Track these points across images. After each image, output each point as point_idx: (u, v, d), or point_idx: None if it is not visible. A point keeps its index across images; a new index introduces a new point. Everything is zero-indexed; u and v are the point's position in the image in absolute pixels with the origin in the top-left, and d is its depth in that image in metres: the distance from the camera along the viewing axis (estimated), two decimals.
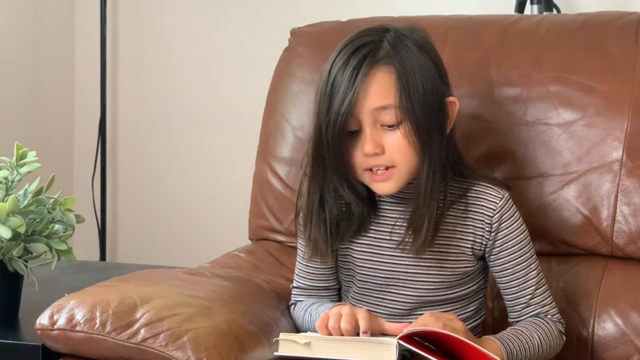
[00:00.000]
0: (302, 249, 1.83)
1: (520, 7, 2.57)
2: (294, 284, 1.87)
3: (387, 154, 1.67)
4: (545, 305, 1.78)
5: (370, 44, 1.68)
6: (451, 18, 2.11)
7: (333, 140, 1.66)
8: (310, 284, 1.84)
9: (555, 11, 2.58)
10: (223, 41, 3.02)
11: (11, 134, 2.82)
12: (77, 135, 3.20)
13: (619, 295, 1.87)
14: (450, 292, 1.77)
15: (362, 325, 1.61)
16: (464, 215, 1.74)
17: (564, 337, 1.79)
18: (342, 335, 1.62)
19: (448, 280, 1.76)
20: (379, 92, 1.65)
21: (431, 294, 1.76)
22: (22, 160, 1.88)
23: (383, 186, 1.70)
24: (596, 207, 1.91)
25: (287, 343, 1.61)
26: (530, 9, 2.57)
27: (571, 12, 2.49)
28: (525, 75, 1.97)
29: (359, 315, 1.63)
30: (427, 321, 1.62)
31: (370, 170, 1.69)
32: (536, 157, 1.94)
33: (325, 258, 1.78)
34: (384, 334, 1.65)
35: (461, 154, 1.81)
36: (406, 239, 1.71)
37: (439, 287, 1.76)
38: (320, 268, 1.83)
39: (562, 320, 1.80)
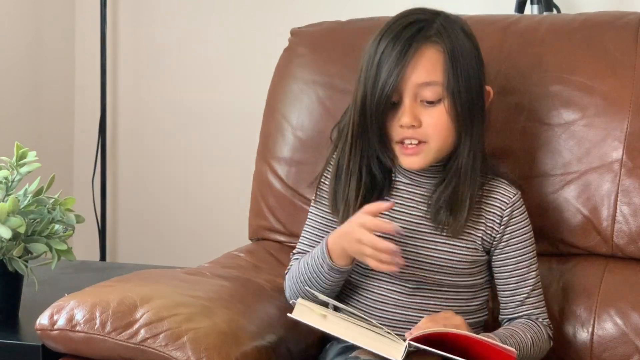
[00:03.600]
0: (313, 218, 1.83)
1: (520, 7, 2.57)
2: (295, 250, 1.86)
3: (422, 128, 1.71)
4: (538, 308, 1.79)
5: (423, 21, 1.73)
6: None
7: (377, 109, 1.70)
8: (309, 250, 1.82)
9: (555, 11, 2.58)
10: (223, 41, 3.02)
11: (11, 134, 2.82)
12: (77, 135, 3.20)
13: (619, 295, 1.87)
14: (459, 279, 1.76)
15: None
16: (478, 207, 1.76)
17: (551, 342, 1.80)
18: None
19: (457, 266, 1.76)
20: (426, 68, 1.70)
21: (439, 277, 1.76)
22: (22, 160, 1.88)
23: (411, 160, 1.73)
24: (596, 207, 1.91)
25: (303, 309, 1.60)
26: (530, 9, 2.56)
27: (571, 12, 2.49)
28: (525, 75, 1.97)
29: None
30: (427, 325, 1.62)
31: (402, 143, 1.73)
32: (536, 157, 1.94)
33: (345, 216, 1.76)
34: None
35: (485, 156, 1.82)
36: (445, 219, 1.74)
37: (448, 271, 1.75)
38: (320, 237, 1.81)
39: (551, 325, 1.80)
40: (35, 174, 1.90)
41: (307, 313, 1.60)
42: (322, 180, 1.83)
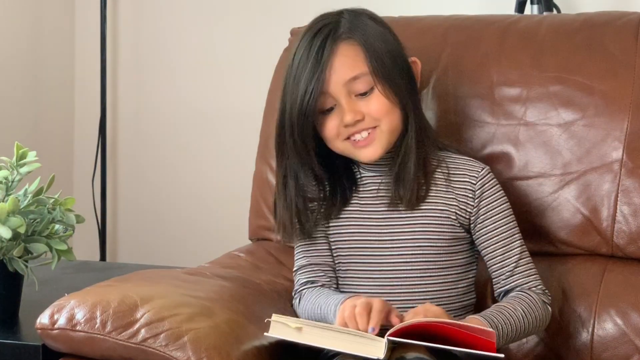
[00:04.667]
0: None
1: (520, 7, 2.57)
2: (295, 267, 1.87)
3: (367, 118, 1.73)
4: (530, 276, 1.79)
5: (329, 24, 1.75)
6: (451, 18, 2.11)
7: (299, 118, 1.72)
8: (307, 262, 1.84)
9: (555, 11, 2.58)
10: (223, 41, 3.02)
11: (11, 134, 2.82)
12: (77, 135, 3.19)
13: (619, 295, 1.87)
14: (441, 259, 1.77)
15: (373, 320, 1.61)
16: (446, 184, 1.78)
17: (549, 308, 1.79)
18: (358, 327, 1.61)
19: (436, 244, 1.77)
20: (347, 64, 1.72)
21: (420, 259, 1.77)
22: (22, 160, 1.88)
23: (367, 151, 1.75)
24: (596, 207, 1.91)
25: (279, 325, 1.60)
26: (530, 9, 2.56)
27: (571, 12, 2.49)
28: (525, 75, 1.97)
29: (373, 307, 1.63)
30: (408, 318, 1.62)
31: (350, 138, 1.74)
32: (536, 157, 1.94)
33: (312, 236, 1.82)
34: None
35: (432, 128, 1.86)
36: (398, 194, 1.76)
37: (428, 251, 1.77)
38: (312, 245, 1.84)
39: (546, 291, 1.80)
40: (35, 174, 1.90)
41: (282, 329, 1.60)
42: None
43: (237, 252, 2.10)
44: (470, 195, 1.78)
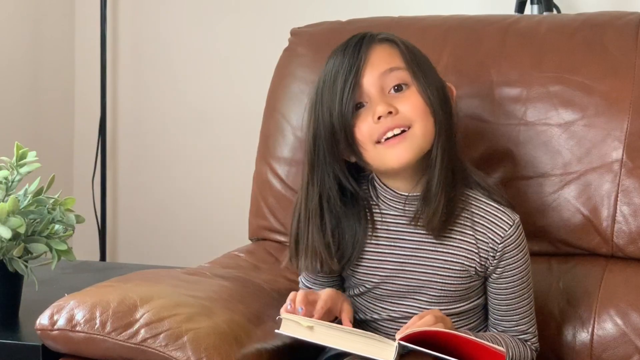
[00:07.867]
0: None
1: (520, 7, 2.57)
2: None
3: (401, 113, 1.65)
4: (527, 333, 1.77)
5: (368, 32, 1.70)
6: (451, 18, 2.11)
7: (342, 119, 1.64)
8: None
9: (555, 11, 2.58)
10: (223, 41, 3.03)
11: (11, 134, 2.82)
12: (77, 135, 3.20)
13: (619, 295, 1.87)
14: (454, 306, 1.74)
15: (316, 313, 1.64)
16: (471, 232, 1.71)
17: None
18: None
19: (452, 295, 1.73)
20: (384, 58, 1.67)
21: (437, 307, 1.72)
22: (22, 160, 1.88)
23: (397, 152, 1.64)
24: (596, 207, 1.91)
25: (290, 323, 1.60)
26: (530, 9, 2.57)
27: (571, 12, 2.49)
28: (525, 75, 1.97)
29: (318, 299, 1.66)
30: (416, 323, 1.61)
31: (380, 142, 1.65)
32: (536, 157, 1.94)
33: (330, 268, 1.74)
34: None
35: (469, 166, 1.78)
36: (419, 214, 1.68)
37: (442, 301, 1.73)
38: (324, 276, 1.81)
39: (538, 349, 1.78)
40: (35, 174, 1.90)
41: (293, 327, 1.60)
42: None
43: (237, 252, 2.10)
44: (492, 254, 1.71)
